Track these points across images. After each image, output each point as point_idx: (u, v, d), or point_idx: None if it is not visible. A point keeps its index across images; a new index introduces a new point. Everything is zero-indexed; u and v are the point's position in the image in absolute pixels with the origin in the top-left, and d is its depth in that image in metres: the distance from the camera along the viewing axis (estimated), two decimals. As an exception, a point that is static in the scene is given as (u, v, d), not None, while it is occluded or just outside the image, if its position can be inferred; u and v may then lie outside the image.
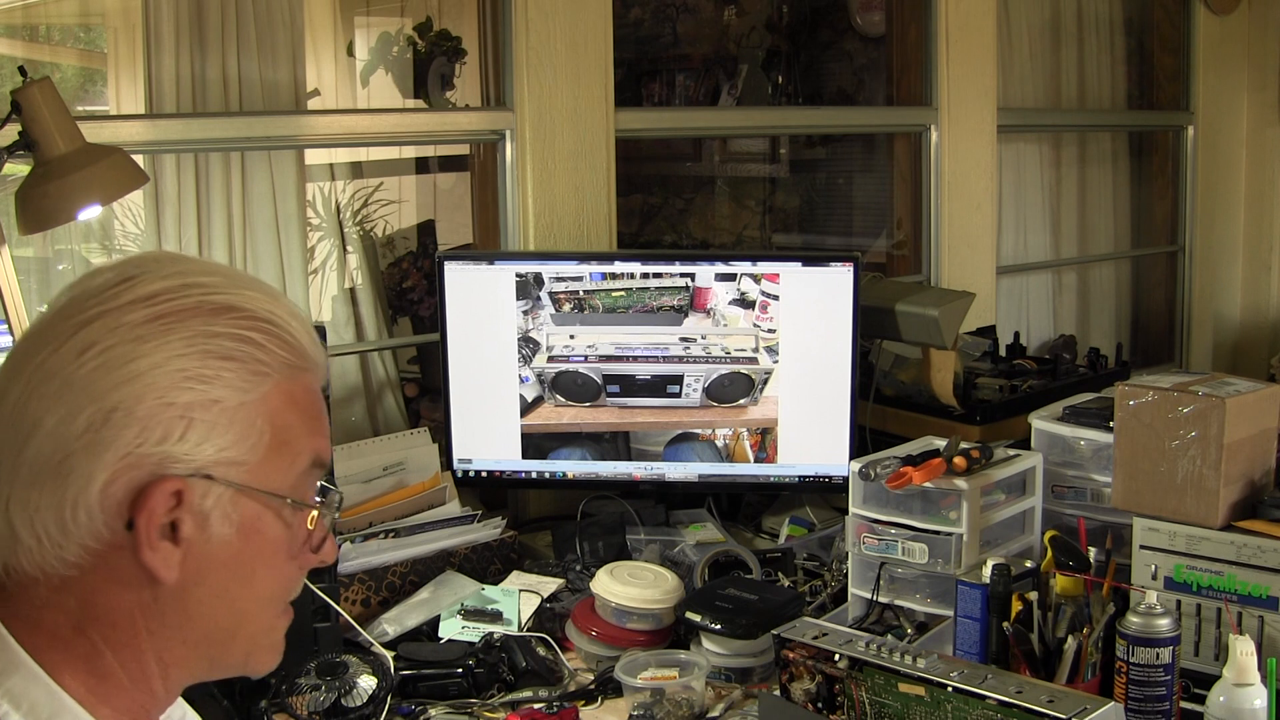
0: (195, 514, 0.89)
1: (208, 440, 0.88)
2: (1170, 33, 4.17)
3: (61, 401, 0.86)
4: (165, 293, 0.90)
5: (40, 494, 0.87)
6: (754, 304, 2.33)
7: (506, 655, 1.90)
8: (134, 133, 2.29)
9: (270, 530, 0.94)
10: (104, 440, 0.86)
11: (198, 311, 0.90)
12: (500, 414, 2.38)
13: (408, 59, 3.39)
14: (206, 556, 0.90)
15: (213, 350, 0.89)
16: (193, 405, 0.88)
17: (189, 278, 0.92)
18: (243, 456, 0.90)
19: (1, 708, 0.87)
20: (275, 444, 0.92)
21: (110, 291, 0.90)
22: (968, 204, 3.42)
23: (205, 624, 0.93)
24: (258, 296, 0.93)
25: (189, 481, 0.88)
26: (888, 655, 1.54)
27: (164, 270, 0.92)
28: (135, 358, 0.87)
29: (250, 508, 0.92)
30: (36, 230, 1.86)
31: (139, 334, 0.88)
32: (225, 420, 0.89)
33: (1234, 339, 4.37)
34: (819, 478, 2.38)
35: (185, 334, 0.89)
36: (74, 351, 0.87)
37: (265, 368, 0.91)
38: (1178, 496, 1.75)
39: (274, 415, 0.92)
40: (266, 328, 0.92)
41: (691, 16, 4.54)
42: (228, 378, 0.89)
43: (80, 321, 0.89)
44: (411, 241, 3.55)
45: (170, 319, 0.89)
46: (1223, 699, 1.50)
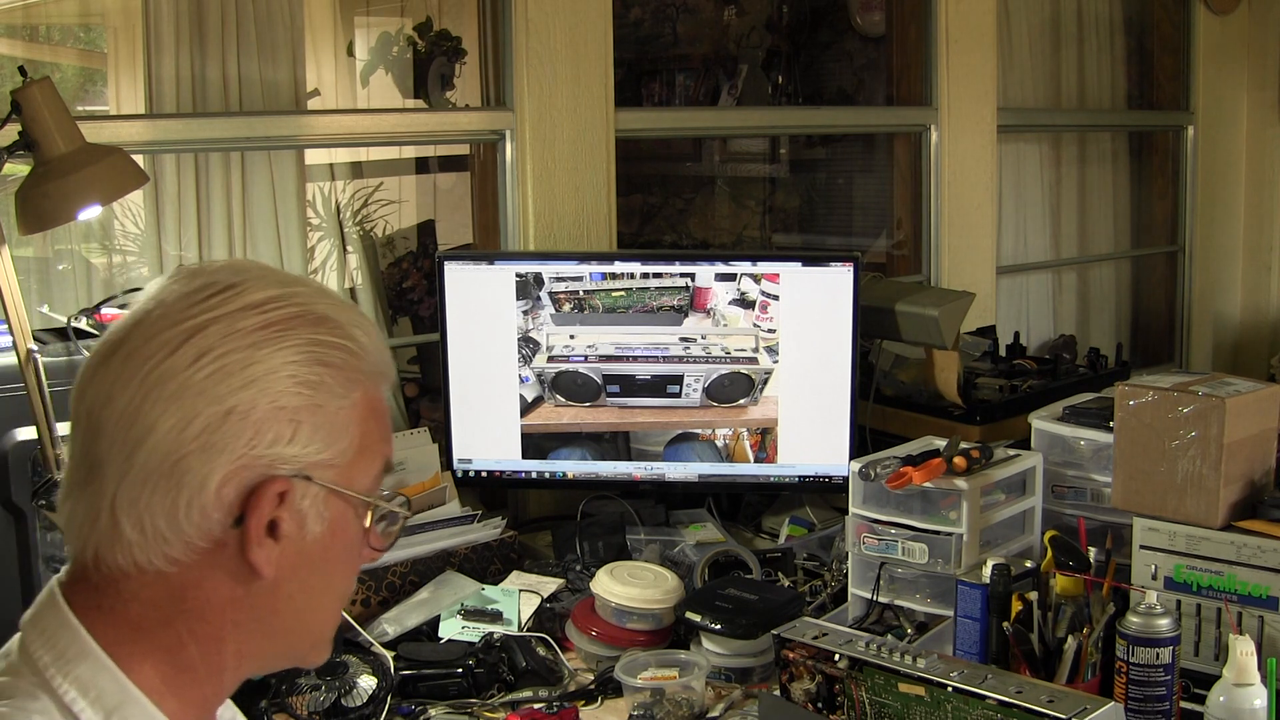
0: (295, 513, 0.93)
1: (310, 443, 0.93)
2: (1170, 33, 4.17)
3: (178, 405, 0.89)
4: (272, 301, 0.94)
5: (152, 494, 0.89)
6: (754, 304, 2.33)
7: (506, 655, 1.90)
8: (134, 133, 2.29)
9: (351, 529, 0.98)
10: (218, 442, 0.89)
11: (302, 320, 0.94)
12: (500, 414, 2.38)
13: (408, 59, 3.39)
14: (300, 554, 0.95)
15: (318, 356, 0.93)
16: (300, 409, 0.92)
17: (286, 287, 0.96)
18: (335, 459, 0.95)
19: (69, 695, 0.89)
20: (361, 448, 0.97)
21: (217, 298, 0.93)
22: (968, 204, 3.42)
23: (287, 618, 0.97)
24: (341, 307, 0.98)
25: (292, 482, 0.92)
26: (888, 655, 1.54)
27: (264, 279, 0.96)
28: (251, 363, 0.91)
29: (338, 508, 0.96)
30: (36, 230, 1.86)
31: (253, 340, 0.91)
32: (326, 424, 0.94)
33: (1234, 339, 4.37)
34: (819, 478, 2.38)
35: (295, 341, 0.93)
36: (190, 357, 0.90)
37: (359, 375, 0.96)
38: (1178, 496, 1.75)
39: (361, 420, 0.97)
40: (358, 336, 0.97)
41: (691, 16, 4.54)
42: (329, 383, 0.94)
43: (192, 328, 0.91)
44: (411, 241, 3.55)
45: (279, 326, 0.93)
46: (1223, 699, 1.50)
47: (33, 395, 1.74)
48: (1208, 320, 4.31)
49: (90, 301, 2.22)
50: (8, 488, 1.81)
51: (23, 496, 1.80)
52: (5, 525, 1.81)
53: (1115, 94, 4.14)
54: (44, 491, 1.75)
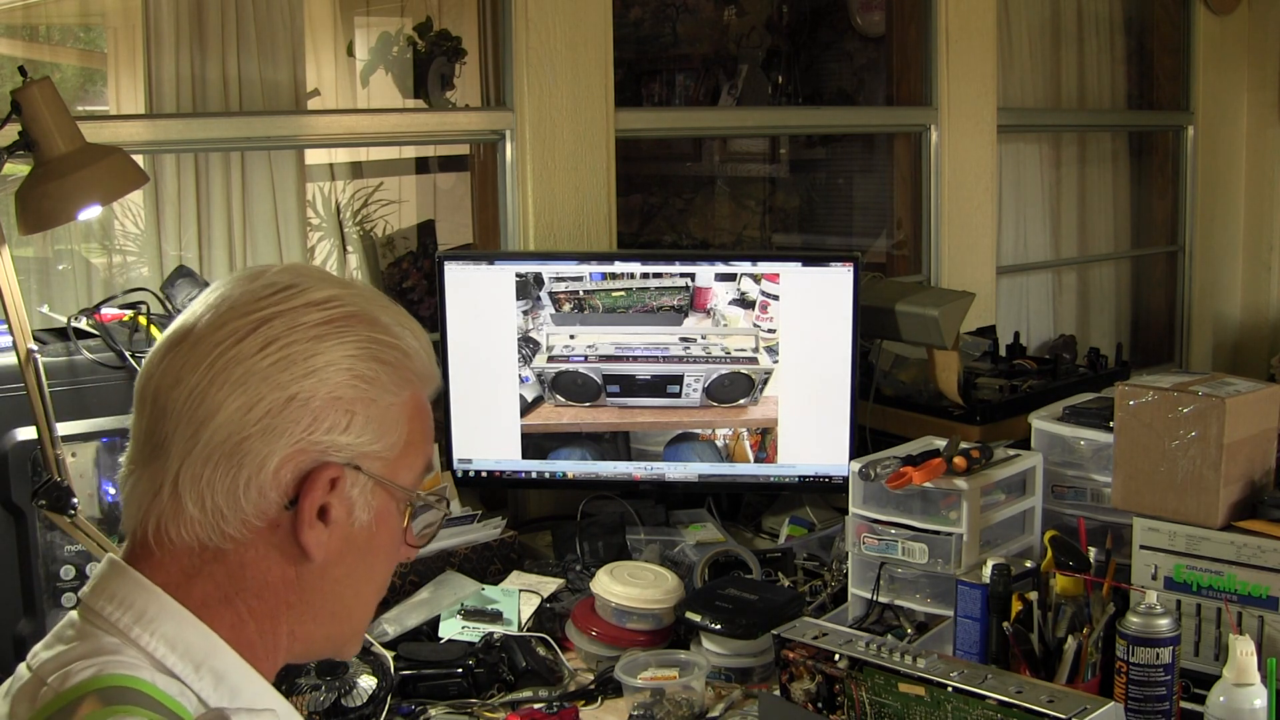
0: (344, 499, 0.98)
1: (363, 433, 0.98)
2: (1170, 33, 4.17)
3: (245, 389, 0.94)
4: (333, 300, 1.00)
5: (215, 471, 0.94)
6: (754, 304, 2.33)
7: (506, 655, 1.90)
8: (134, 133, 2.29)
9: (393, 522, 1.04)
10: (279, 426, 0.95)
11: (359, 319, 1.00)
12: (500, 414, 2.38)
13: (408, 59, 3.39)
14: (347, 540, 1.00)
15: (374, 354, 0.99)
16: (356, 401, 0.98)
17: (344, 289, 1.02)
18: (385, 452, 1.00)
19: (158, 650, 0.94)
20: (408, 445, 1.03)
21: (281, 294, 0.99)
22: (968, 204, 3.42)
23: (334, 603, 1.02)
24: (393, 310, 1.04)
25: (344, 469, 0.98)
26: (888, 655, 1.54)
27: (323, 281, 1.02)
28: (313, 354, 0.96)
29: (383, 499, 1.02)
30: (36, 230, 1.85)
31: (316, 333, 0.97)
32: (378, 417, 0.99)
33: (1234, 339, 4.37)
34: (819, 478, 2.38)
35: (354, 338, 0.98)
36: (257, 345, 0.96)
37: (410, 374, 1.02)
38: (1178, 496, 1.75)
39: (410, 419, 1.03)
40: (409, 340, 1.03)
41: (691, 16, 4.54)
42: (384, 380, 0.99)
43: (259, 319, 0.97)
44: (411, 241, 3.55)
45: (340, 323, 0.99)
46: (1223, 699, 1.50)
47: (33, 395, 1.74)
48: (1208, 320, 4.31)
49: (90, 301, 2.22)
50: (8, 488, 1.81)
51: (23, 496, 1.80)
52: (5, 525, 1.81)
53: (1115, 94, 4.14)
54: (44, 491, 1.75)
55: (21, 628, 1.81)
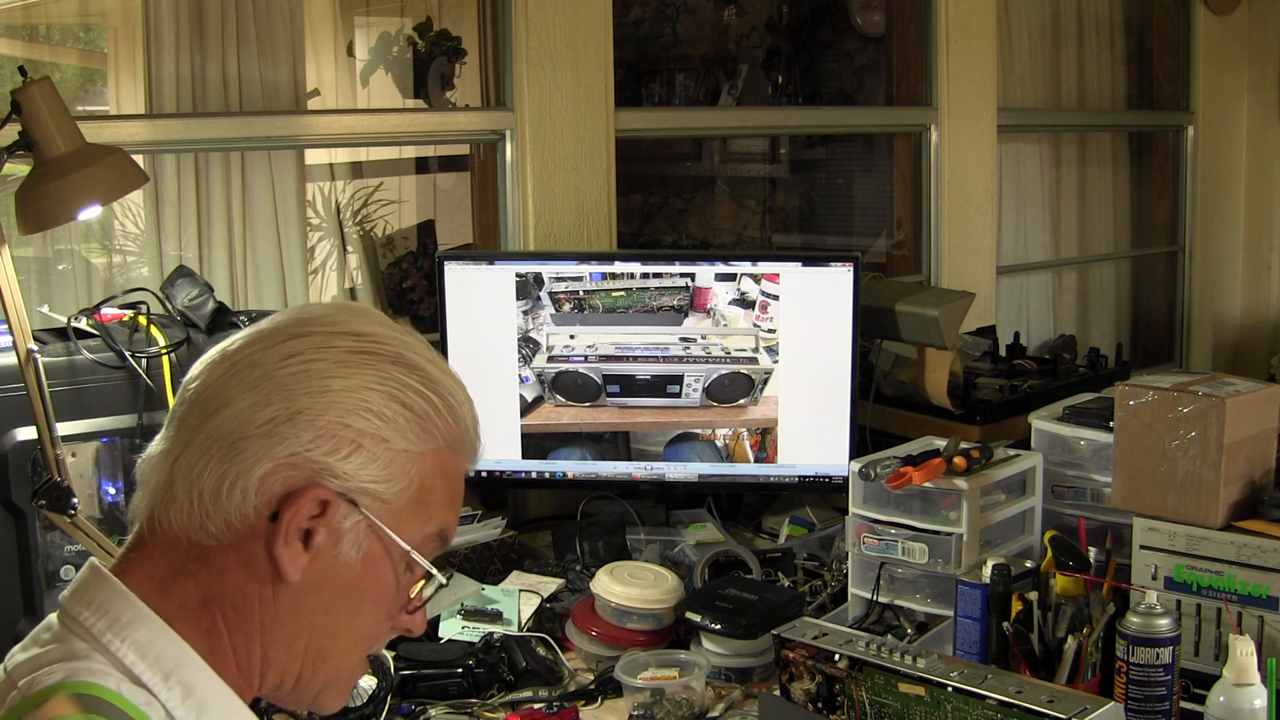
0: (331, 529, 0.97)
1: (366, 468, 0.97)
2: (1170, 33, 4.17)
3: (258, 390, 0.95)
4: (373, 335, 1.00)
5: (207, 462, 0.95)
6: (754, 304, 2.33)
7: (506, 655, 1.90)
8: (134, 133, 2.29)
9: (385, 573, 1.01)
10: (281, 434, 0.95)
11: (395, 360, 0.99)
12: (500, 414, 2.38)
13: (408, 59, 3.39)
14: (329, 571, 0.98)
15: (397, 396, 0.98)
16: (365, 433, 0.96)
17: (397, 333, 1.02)
18: (388, 496, 0.99)
19: (128, 657, 0.93)
20: (417, 500, 1.01)
21: (326, 319, 1.01)
22: (968, 204, 3.42)
23: (308, 636, 1.00)
24: (446, 373, 1.03)
25: (337, 498, 0.96)
26: (888, 655, 1.54)
27: (376, 319, 1.03)
28: (332, 376, 0.97)
29: (377, 546, 0.99)
30: (36, 230, 1.85)
31: (342, 359, 0.98)
32: (386, 458, 0.98)
33: (1234, 339, 4.37)
34: (819, 478, 2.38)
35: (380, 373, 0.98)
36: (282, 354, 0.97)
37: (434, 429, 1.00)
38: (1178, 496, 1.75)
39: (425, 474, 1.01)
40: (447, 399, 1.01)
41: (691, 16, 4.54)
42: (401, 424, 0.98)
43: (294, 333, 0.99)
44: (411, 241, 3.55)
45: (371, 356, 0.99)
46: (1223, 699, 1.50)
47: (33, 395, 1.74)
48: (1208, 320, 4.31)
49: (90, 301, 2.22)
50: (8, 488, 1.81)
51: (23, 496, 1.80)
52: (5, 525, 1.81)
53: (1115, 94, 4.14)
54: (44, 491, 1.75)
55: (21, 628, 1.81)
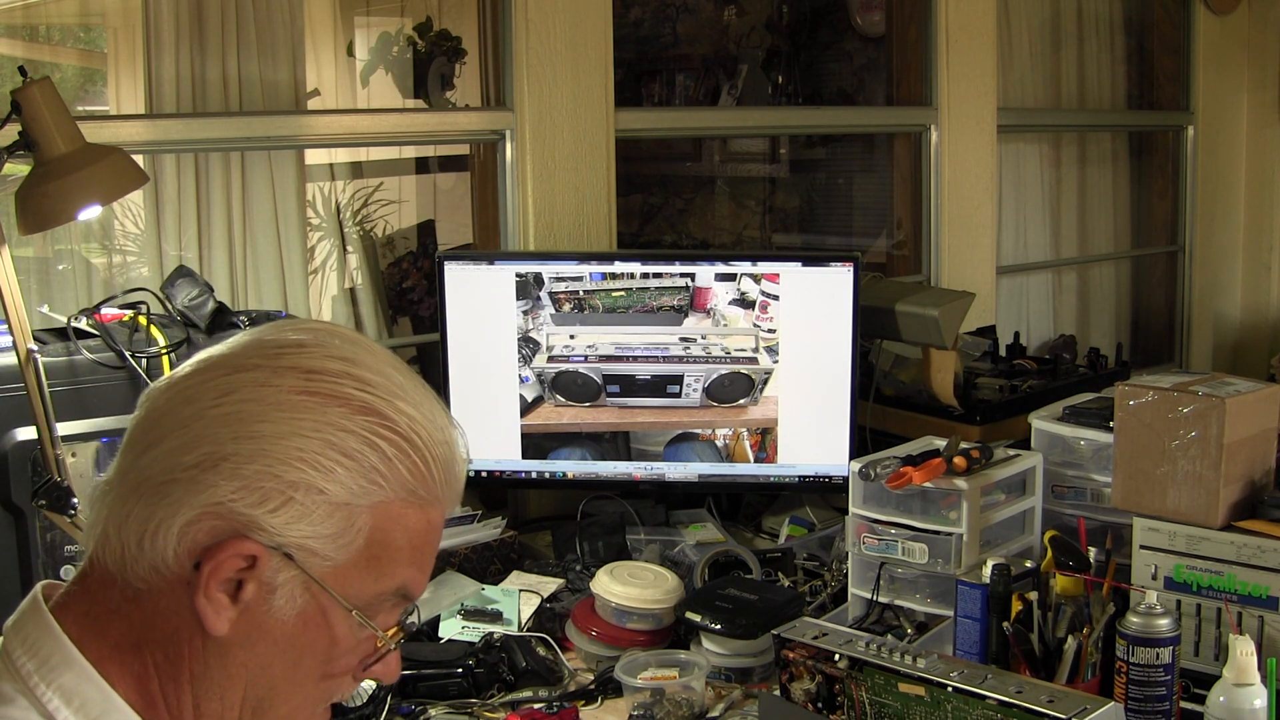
0: (262, 583, 0.90)
1: (299, 523, 0.89)
2: (1170, 33, 4.17)
3: (187, 430, 0.89)
4: (324, 373, 0.92)
5: (134, 504, 0.89)
6: (754, 304, 2.33)
7: (506, 655, 1.90)
8: (134, 133, 2.29)
9: (331, 629, 0.94)
10: (205, 481, 0.88)
11: (345, 403, 0.91)
12: (500, 414, 2.38)
13: (408, 59, 3.39)
14: (260, 627, 0.91)
15: (336, 444, 0.90)
16: (297, 485, 0.89)
17: (356, 369, 0.93)
18: (329, 552, 0.91)
19: (52, 703, 0.89)
20: (368, 555, 0.93)
21: (279, 350, 0.93)
22: (968, 204, 3.42)
23: (242, 688, 0.93)
24: (414, 415, 0.94)
25: (267, 552, 0.89)
26: (888, 655, 1.54)
27: (339, 351, 0.94)
28: (262, 420, 0.89)
29: (318, 602, 0.92)
30: (36, 230, 1.85)
31: (280, 400, 0.90)
32: (323, 512, 0.90)
33: (1234, 339, 4.37)
34: (819, 478, 2.38)
35: (318, 418, 0.90)
36: (217, 390, 0.90)
37: (381, 480, 0.92)
38: (1178, 496, 1.75)
39: (376, 529, 0.92)
40: (402, 445, 0.92)
41: (691, 16, 4.54)
42: (340, 474, 0.90)
43: (237, 365, 0.92)
44: (411, 241, 3.55)
45: (314, 399, 0.90)
46: (1223, 699, 1.50)
47: (33, 395, 1.74)
48: (1208, 320, 4.31)
49: (90, 301, 2.22)
50: (8, 488, 1.81)
51: (23, 496, 1.80)
52: (5, 525, 1.81)
53: (1115, 94, 4.14)
54: (44, 491, 1.75)
55: (21, 628, 1.81)
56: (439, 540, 0.99)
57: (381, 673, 0.99)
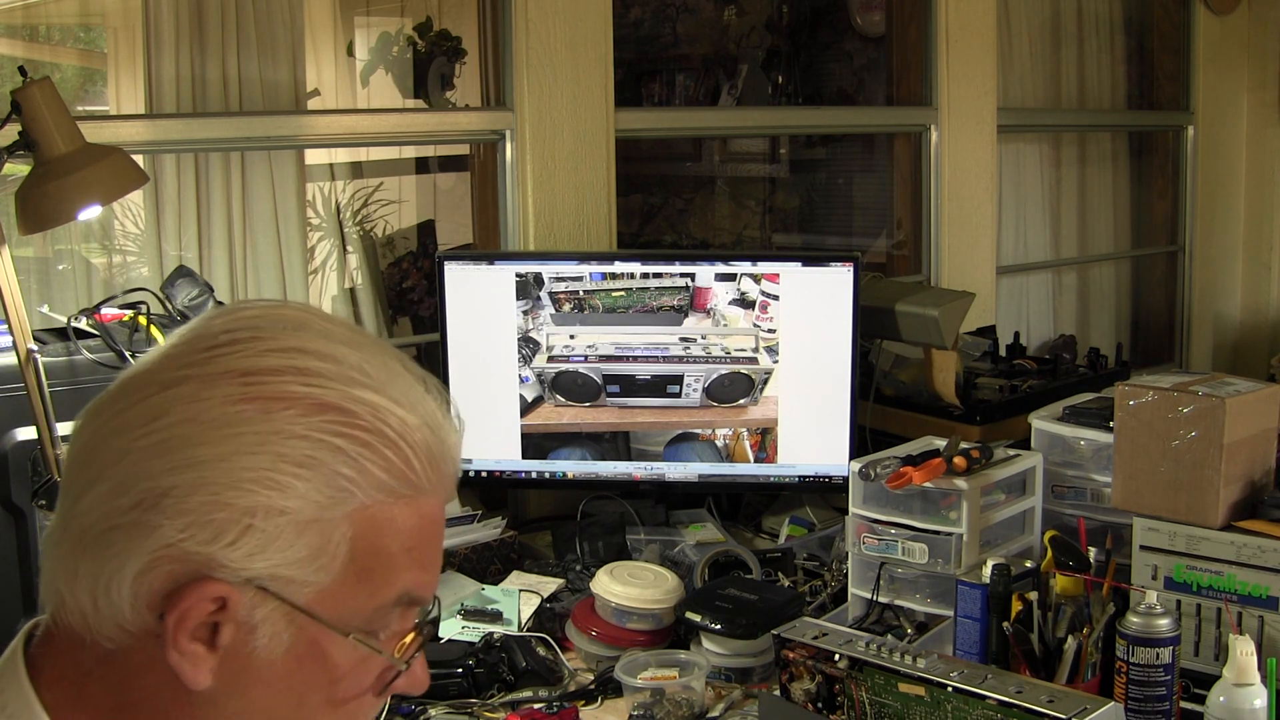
0: (239, 624, 0.78)
1: (265, 551, 0.77)
2: (1170, 33, 4.17)
3: (118, 469, 0.78)
4: (263, 373, 0.79)
5: (81, 558, 0.79)
6: (754, 304, 2.33)
7: (506, 655, 1.90)
8: (134, 133, 2.29)
9: (336, 660, 0.82)
10: (149, 523, 0.76)
11: (290, 403, 0.78)
12: (500, 414, 2.38)
13: (408, 59, 3.39)
14: (248, 671, 0.80)
15: (287, 454, 0.77)
16: (253, 510, 0.77)
17: (302, 359, 0.80)
18: (308, 577, 0.79)
19: None
20: (356, 570, 0.80)
21: (210, 352, 0.80)
22: (968, 204, 3.42)
23: None
24: (378, 403, 0.80)
25: (237, 589, 0.77)
26: (888, 655, 1.54)
27: (279, 340, 0.81)
28: (199, 444, 0.77)
29: (310, 632, 0.80)
30: (36, 230, 1.86)
31: (213, 416, 0.77)
32: (292, 533, 0.78)
33: (1234, 339, 4.37)
34: (819, 478, 2.38)
35: (261, 429, 0.77)
36: (145, 416, 0.78)
37: (350, 485, 0.79)
38: (1178, 496, 1.75)
39: (359, 538, 0.80)
40: (368, 440, 0.80)
41: (691, 16, 4.54)
42: (300, 487, 0.78)
43: (167, 380, 0.79)
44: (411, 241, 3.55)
45: (254, 406, 0.78)
46: (1223, 699, 1.50)
47: (33, 395, 1.74)
48: (1208, 320, 4.31)
49: (90, 301, 2.22)
50: (8, 488, 1.81)
51: (23, 496, 1.80)
52: (5, 525, 1.81)
53: (1115, 94, 4.14)
54: (44, 491, 1.75)
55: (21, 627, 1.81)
56: (441, 532, 0.87)
57: (406, 686, 0.87)
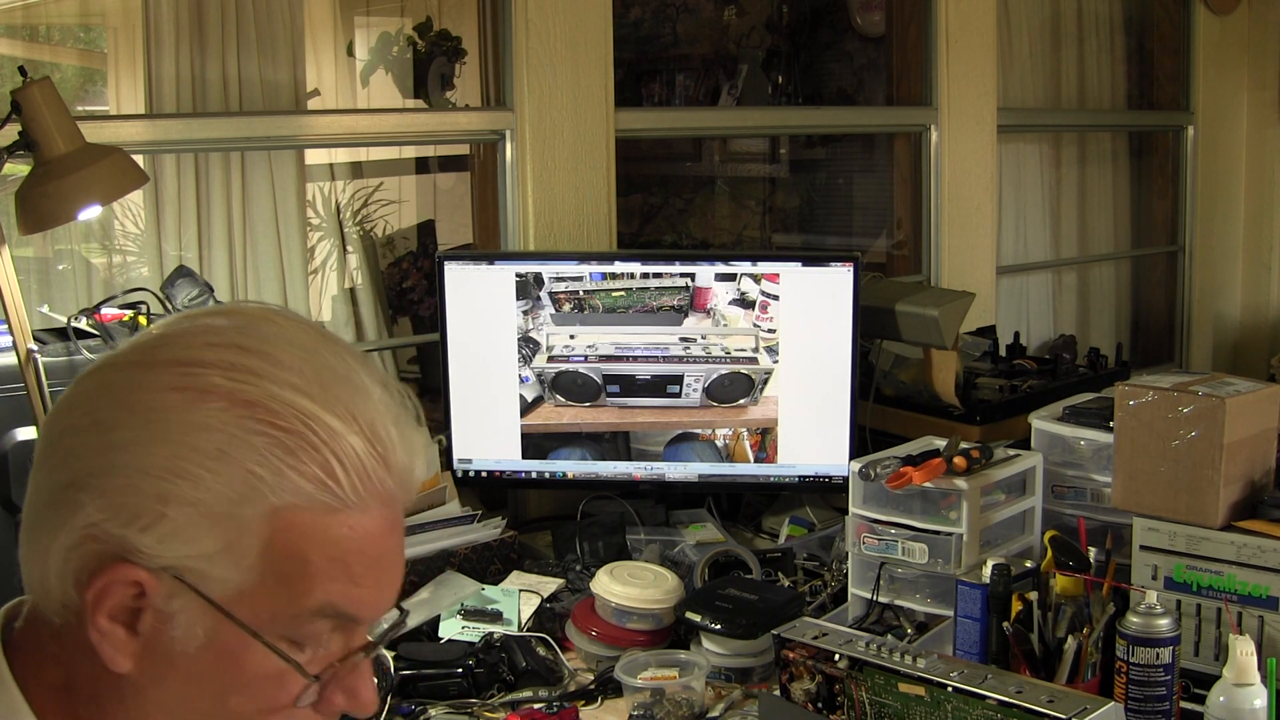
0: (158, 612, 0.79)
1: (177, 539, 0.78)
2: (1170, 33, 4.17)
3: (60, 446, 0.82)
4: (197, 365, 0.80)
5: (32, 532, 0.82)
6: (754, 304, 2.33)
7: (506, 655, 1.90)
8: (134, 133, 2.29)
9: (252, 664, 0.81)
10: (77, 501, 0.79)
11: (215, 398, 0.79)
12: (500, 414, 2.38)
13: (408, 59, 3.39)
14: (167, 662, 0.80)
15: (202, 446, 0.78)
16: (166, 498, 0.77)
17: (237, 355, 0.81)
18: (221, 572, 0.79)
19: None
20: (271, 573, 0.80)
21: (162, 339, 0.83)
22: (968, 204, 3.42)
23: None
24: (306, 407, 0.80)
25: (155, 575, 0.78)
26: (888, 655, 1.54)
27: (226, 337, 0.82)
28: (125, 427, 0.79)
29: (226, 631, 0.80)
30: (36, 230, 1.86)
31: (143, 402, 0.79)
32: (205, 525, 0.78)
33: (1234, 339, 4.37)
34: (819, 478, 2.38)
35: (183, 419, 0.78)
36: (89, 395, 0.82)
37: (262, 485, 0.79)
38: (1178, 496, 1.75)
39: (276, 541, 0.79)
40: (287, 442, 0.79)
41: (691, 16, 4.54)
42: (211, 482, 0.78)
43: (117, 364, 0.83)
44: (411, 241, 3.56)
45: (182, 396, 0.79)
46: (1223, 699, 1.50)
47: (33, 395, 1.74)
48: (1208, 320, 4.31)
49: (90, 301, 2.22)
50: (8, 488, 1.81)
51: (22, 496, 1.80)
52: (5, 525, 1.81)
53: (1115, 94, 4.14)
54: (44, 491, 1.75)
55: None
56: (383, 550, 0.84)
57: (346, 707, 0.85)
